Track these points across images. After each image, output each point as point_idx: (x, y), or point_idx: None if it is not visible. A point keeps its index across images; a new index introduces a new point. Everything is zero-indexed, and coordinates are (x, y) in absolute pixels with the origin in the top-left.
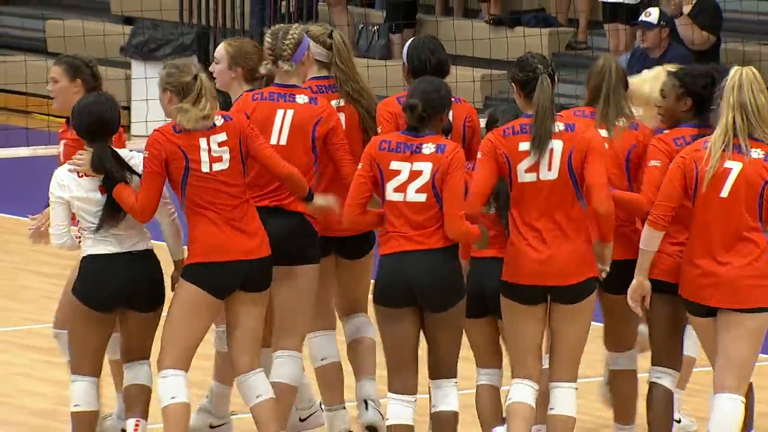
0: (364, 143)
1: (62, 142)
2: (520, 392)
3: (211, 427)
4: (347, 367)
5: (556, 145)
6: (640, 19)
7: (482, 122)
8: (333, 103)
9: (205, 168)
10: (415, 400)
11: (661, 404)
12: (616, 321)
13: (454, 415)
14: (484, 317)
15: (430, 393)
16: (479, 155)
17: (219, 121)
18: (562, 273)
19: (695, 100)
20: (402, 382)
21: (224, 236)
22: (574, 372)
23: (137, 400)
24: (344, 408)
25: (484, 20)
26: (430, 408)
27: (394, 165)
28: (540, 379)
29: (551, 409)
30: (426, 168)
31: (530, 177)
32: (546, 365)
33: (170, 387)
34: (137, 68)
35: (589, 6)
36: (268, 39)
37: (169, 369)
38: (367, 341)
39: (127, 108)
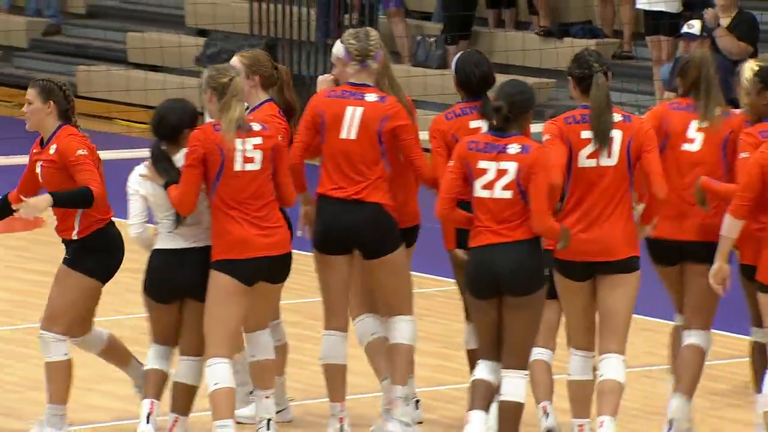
0: None
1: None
2: (577, 365)
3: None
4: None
5: (616, 135)
6: (683, 30)
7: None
8: None
9: (238, 167)
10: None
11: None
12: None
13: (520, 406)
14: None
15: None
16: (547, 137)
17: (257, 126)
18: (609, 250)
19: None
20: (492, 353)
21: (247, 234)
22: (623, 344)
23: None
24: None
25: (534, 32)
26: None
27: (482, 164)
28: (592, 349)
29: (601, 375)
30: (511, 167)
31: (590, 162)
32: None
33: (215, 374)
34: None
35: (632, 18)
36: (351, 41)
37: (213, 358)
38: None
39: (201, 114)
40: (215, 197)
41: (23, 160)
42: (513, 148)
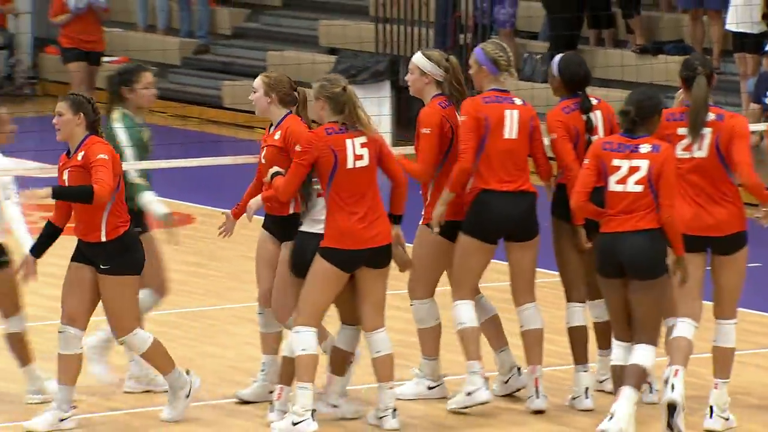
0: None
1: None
2: (682, 329)
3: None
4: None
5: (707, 130)
6: (766, 48)
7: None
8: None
9: (349, 164)
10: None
11: None
12: None
13: (644, 371)
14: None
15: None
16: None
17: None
18: (717, 227)
19: None
20: (623, 332)
21: (354, 228)
22: (733, 311)
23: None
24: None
25: (631, 49)
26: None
27: (616, 162)
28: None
29: (715, 341)
30: (643, 164)
31: (685, 154)
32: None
33: (302, 340)
34: None
35: (720, 37)
36: (500, 53)
37: (302, 326)
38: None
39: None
40: (330, 191)
41: (181, 164)
42: (644, 148)
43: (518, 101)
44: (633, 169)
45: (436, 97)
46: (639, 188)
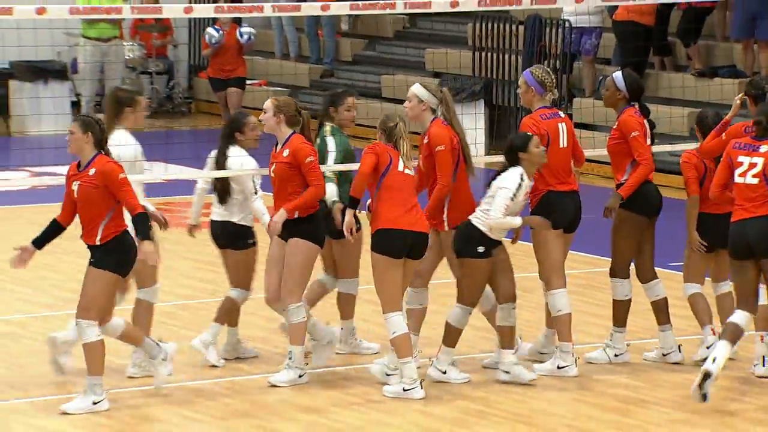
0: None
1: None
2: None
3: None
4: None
5: None
6: None
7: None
8: None
9: (400, 168)
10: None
11: None
12: None
13: None
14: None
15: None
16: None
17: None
18: None
19: None
20: (748, 306)
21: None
22: None
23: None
24: None
25: (690, 73)
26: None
27: (740, 159)
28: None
29: None
30: (759, 161)
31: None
32: None
33: (394, 323)
34: None
35: None
36: (546, 76)
37: (391, 312)
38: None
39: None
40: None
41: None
42: (763, 148)
43: (562, 114)
44: (752, 165)
45: (436, 119)
46: (755, 181)
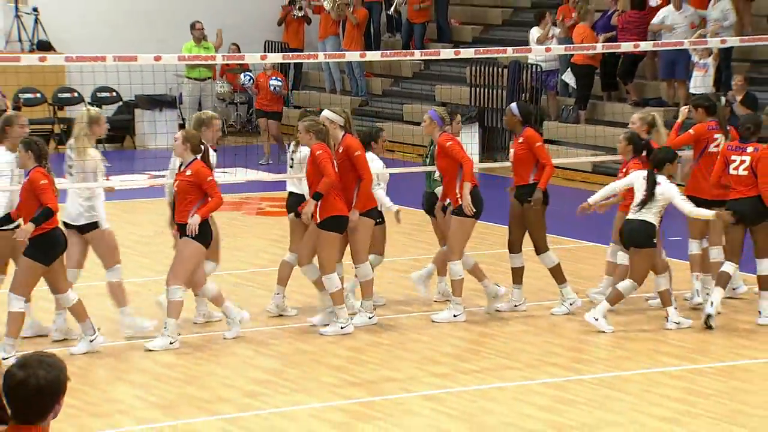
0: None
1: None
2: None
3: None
4: None
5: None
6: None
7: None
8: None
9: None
10: None
11: None
12: None
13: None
14: None
15: None
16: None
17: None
18: None
19: None
20: (734, 258)
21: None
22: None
23: None
24: None
25: (628, 103)
26: None
27: (733, 157)
28: None
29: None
30: (747, 158)
31: (717, 149)
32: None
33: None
34: None
35: (685, 96)
36: (445, 114)
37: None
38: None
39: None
40: None
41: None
42: (749, 149)
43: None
44: (742, 162)
45: (347, 133)
46: (745, 173)
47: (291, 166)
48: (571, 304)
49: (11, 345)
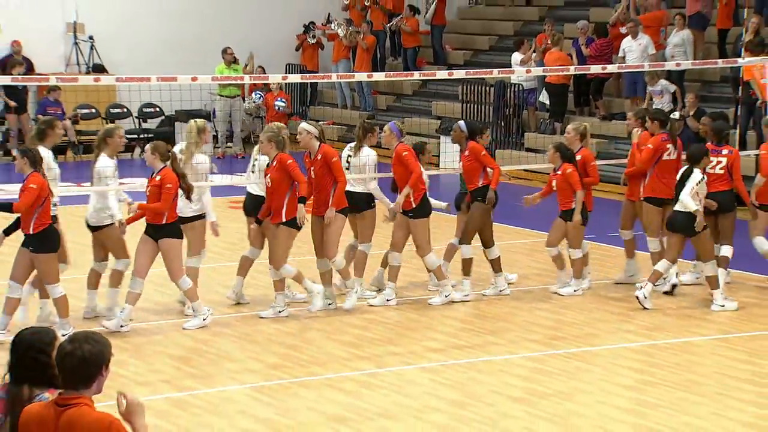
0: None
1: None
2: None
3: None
4: None
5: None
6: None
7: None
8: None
9: None
10: None
11: None
12: None
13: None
14: None
15: None
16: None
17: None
18: None
19: None
20: (728, 240)
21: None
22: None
23: None
24: None
25: (597, 117)
26: None
27: (711, 159)
28: None
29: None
30: (723, 159)
31: (668, 157)
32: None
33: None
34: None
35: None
36: (403, 126)
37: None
38: None
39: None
40: None
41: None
42: (724, 151)
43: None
44: (719, 162)
45: (322, 143)
46: (722, 171)
47: (252, 171)
48: (501, 291)
49: (66, 323)
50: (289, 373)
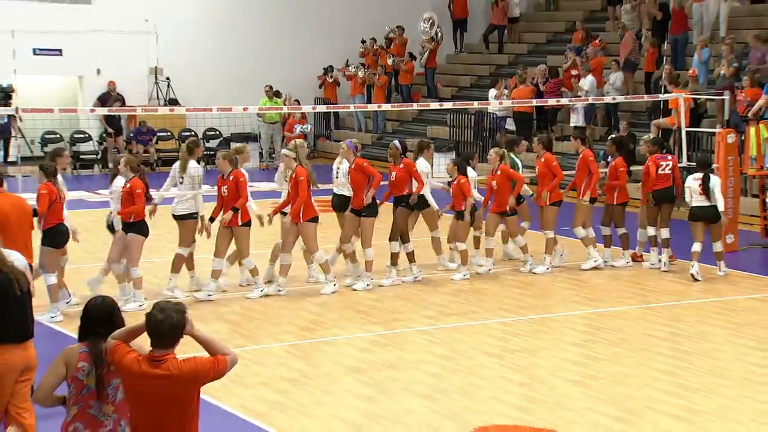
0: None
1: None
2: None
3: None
4: None
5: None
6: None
7: None
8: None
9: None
10: None
11: None
12: None
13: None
14: None
15: None
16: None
17: None
18: None
19: None
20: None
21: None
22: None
23: None
24: None
25: (554, 138)
26: None
27: (661, 163)
28: None
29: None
30: (669, 163)
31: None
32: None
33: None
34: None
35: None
36: (359, 144)
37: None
38: None
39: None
40: None
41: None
42: (669, 156)
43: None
44: (666, 165)
45: (299, 165)
46: (669, 172)
47: (336, 177)
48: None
49: (55, 308)
50: (316, 334)
